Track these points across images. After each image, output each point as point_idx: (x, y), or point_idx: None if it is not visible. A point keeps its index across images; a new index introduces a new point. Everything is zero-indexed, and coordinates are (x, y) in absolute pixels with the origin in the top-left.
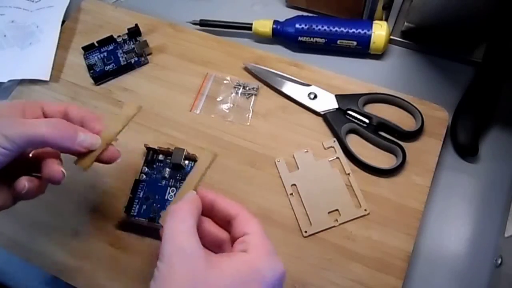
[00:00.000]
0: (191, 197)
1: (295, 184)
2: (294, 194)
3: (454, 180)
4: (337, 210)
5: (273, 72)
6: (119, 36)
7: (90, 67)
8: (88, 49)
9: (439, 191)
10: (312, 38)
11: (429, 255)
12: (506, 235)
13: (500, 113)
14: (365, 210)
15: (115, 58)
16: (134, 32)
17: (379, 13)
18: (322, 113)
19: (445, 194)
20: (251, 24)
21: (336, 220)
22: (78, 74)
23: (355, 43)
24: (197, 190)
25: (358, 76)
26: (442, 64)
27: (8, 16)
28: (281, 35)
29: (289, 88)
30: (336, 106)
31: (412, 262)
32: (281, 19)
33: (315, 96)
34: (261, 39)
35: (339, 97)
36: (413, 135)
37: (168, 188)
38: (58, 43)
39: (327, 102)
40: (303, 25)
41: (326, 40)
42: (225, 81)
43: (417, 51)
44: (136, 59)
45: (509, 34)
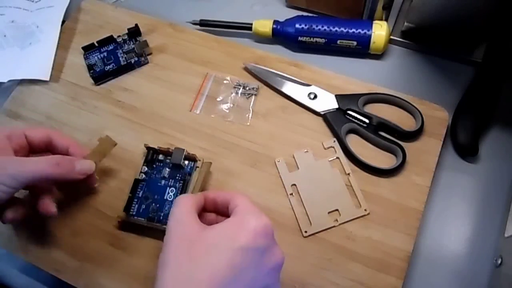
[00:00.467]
0: (195, 194)
1: (295, 184)
2: (294, 194)
3: (454, 180)
4: (337, 210)
5: (273, 72)
6: (119, 36)
7: (90, 67)
8: (88, 49)
9: (439, 191)
10: (312, 38)
11: (429, 255)
12: (506, 235)
13: (500, 113)
14: (365, 210)
15: (115, 58)
16: (134, 32)
17: (379, 13)
18: (322, 113)
19: (445, 194)
20: (251, 24)
21: (336, 220)
22: (78, 74)
23: (355, 43)
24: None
25: (358, 76)
26: (442, 64)
27: (8, 16)
28: (281, 35)
29: (289, 88)
30: (336, 106)
31: (412, 262)
32: (281, 19)
33: (315, 96)
34: (261, 39)
35: (339, 97)
36: (413, 135)
37: (168, 188)
38: (58, 43)
39: (327, 102)
40: (303, 25)
41: (326, 40)
42: (225, 81)
43: (417, 51)
44: (136, 59)
45: (509, 34)
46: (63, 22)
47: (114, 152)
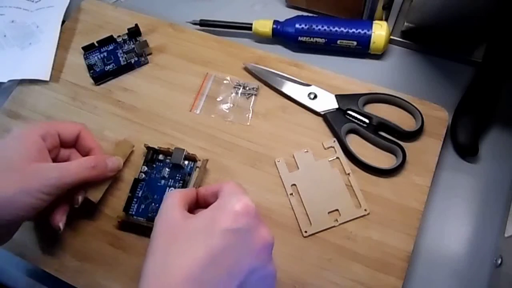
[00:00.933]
0: (186, 189)
1: (295, 184)
2: (294, 194)
3: (454, 180)
4: (337, 210)
5: (273, 72)
6: (119, 36)
7: (90, 67)
8: (88, 49)
9: (439, 191)
10: (312, 38)
11: (429, 255)
12: (506, 235)
13: (500, 113)
14: (365, 210)
15: (115, 58)
16: (134, 32)
17: (379, 13)
18: (322, 113)
19: (445, 194)
20: (251, 24)
21: (336, 220)
22: (78, 74)
23: (355, 43)
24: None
25: (358, 76)
26: (442, 64)
27: (8, 16)
28: (281, 35)
29: (289, 88)
30: (336, 106)
31: (412, 262)
32: (281, 19)
33: (315, 96)
34: (261, 39)
35: (339, 97)
36: (413, 135)
37: (167, 188)
38: (58, 43)
39: (327, 102)
40: (303, 25)
41: (326, 40)
42: (225, 81)
43: (417, 51)
44: (136, 59)
45: (509, 34)
46: (63, 22)
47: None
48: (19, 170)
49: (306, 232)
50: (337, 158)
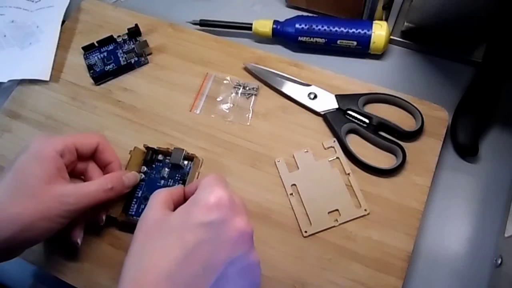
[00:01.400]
0: (173, 187)
1: (295, 184)
2: (294, 194)
3: (454, 180)
4: (337, 210)
5: (273, 72)
6: (119, 36)
7: (90, 67)
8: (88, 49)
9: (439, 191)
10: (312, 38)
11: (429, 255)
12: (506, 235)
13: (500, 113)
14: (365, 210)
15: (115, 58)
16: (134, 32)
17: (379, 13)
18: (322, 113)
19: (445, 194)
20: (251, 24)
21: (336, 220)
22: (78, 74)
23: (355, 43)
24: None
25: (358, 76)
26: (442, 64)
27: (8, 16)
28: (281, 35)
29: (289, 88)
30: (336, 106)
31: (412, 262)
32: (281, 19)
33: (315, 96)
34: (261, 39)
35: (339, 97)
36: (413, 135)
37: None
38: (58, 43)
39: (327, 102)
40: (303, 25)
41: (326, 40)
42: (225, 81)
43: (417, 51)
44: (136, 59)
45: (509, 34)
46: (63, 22)
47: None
48: (37, 196)
49: (306, 232)
50: (337, 158)
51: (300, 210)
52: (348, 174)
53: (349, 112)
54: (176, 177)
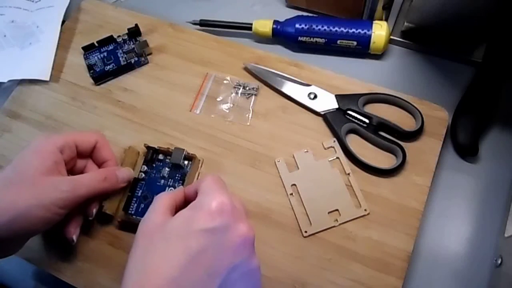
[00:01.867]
0: (175, 190)
1: (295, 184)
2: (294, 194)
3: (454, 180)
4: (337, 210)
5: (273, 72)
6: (119, 36)
7: (90, 67)
8: (88, 49)
9: (439, 191)
10: (312, 38)
11: (429, 255)
12: (506, 235)
13: (500, 113)
14: (365, 210)
15: (115, 58)
16: (134, 32)
17: (379, 13)
18: (322, 113)
19: (445, 194)
20: (251, 24)
21: (336, 220)
22: (78, 74)
23: (355, 43)
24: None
25: (358, 76)
26: (442, 64)
27: (8, 16)
28: (281, 35)
29: (289, 88)
30: (336, 106)
31: (412, 262)
32: (281, 19)
33: (315, 96)
34: (261, 39)
35: (339, 97)
36: (413, 135)
37: (167, 188)
38: (58, 43)
39: (327, 102)
40: (303, 25)
41: (326, 40)
42: (225, 81)
43: (417, 51)
44: (136, 59)
45: (509, 34)
46: (63, 22)
47: (113, 152)
48: (33, 184)
49: (306, 232)
50: (337, 158)
51: (300, 210)
52: (348, 174)
53: (349, 112)
54: (176, 177)
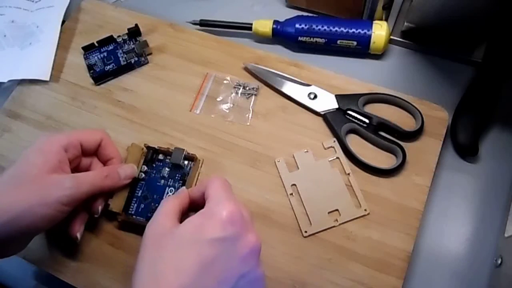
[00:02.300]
0: (179, 192)
1: (295, 184)
2: (294, 194)
3: (454, 180)
4: (337, 210)
5: (273, 72)
6: (119, 36)
7: (90, 67)
8: (88, 49)
9: (439, 191)
10: (312, 38)
11: (429, 255)
12: (506, 235)
13: (500, 113)
14: (365, 210)
15: (115, 58)
16: (134, 32)
17: (379, 13)
18: (322, 113)
19: (445, 194)
20: (251, 24)
21: (336, 220)
22: (78, 74)
23: (355, 43)
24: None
25: (358, 76)
26: (442, 64)
27: (8, 16)
28: (281, 35)
29: (289, 88)
30: (336, 106)
31: (412, 262)
32: (281, 19)
33: (315, 96)
34: (261, 39)
35: (339, 97)
36: (413, 135)
37: (167, 188)
38: (58, 43)
39: (327, 102)
40: (303, 25)
41: (326, 40)
42: (225, 81)
43: (417, 51)
44: (136, 59)
45: (509, 34)
46: (63, 22)
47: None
48: (37, 182)
49: (306, 232)
50: (337, 158)
51: (300, 210)
52: (348, 174)
53: (349, 112)
54: (176, 177)
